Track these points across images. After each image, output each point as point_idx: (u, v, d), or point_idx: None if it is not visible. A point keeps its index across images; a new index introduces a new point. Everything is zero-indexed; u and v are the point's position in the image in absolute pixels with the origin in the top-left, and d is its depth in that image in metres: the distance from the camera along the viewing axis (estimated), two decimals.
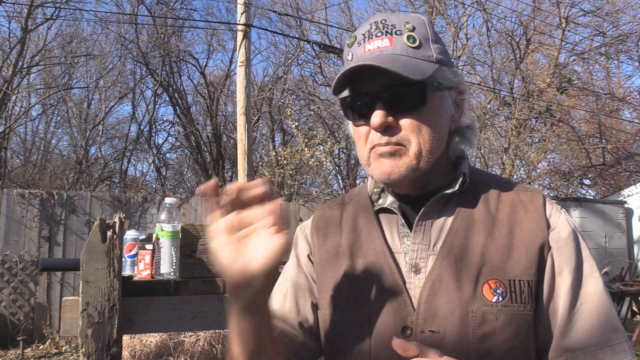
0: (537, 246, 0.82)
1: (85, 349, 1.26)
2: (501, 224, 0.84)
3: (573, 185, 8.72)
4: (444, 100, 0.84)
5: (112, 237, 1.32)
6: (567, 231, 0.84)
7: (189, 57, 12.95)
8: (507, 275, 0.80)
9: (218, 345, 5.30)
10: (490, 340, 0.78)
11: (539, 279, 0.82)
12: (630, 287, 7.04)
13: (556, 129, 10.14)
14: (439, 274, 0.82)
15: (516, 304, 0.79)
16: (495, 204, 0.86)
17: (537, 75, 11.14)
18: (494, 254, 0.82)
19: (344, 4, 13.22)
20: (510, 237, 0.83)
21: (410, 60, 0.80)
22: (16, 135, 12.91)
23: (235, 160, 10.28)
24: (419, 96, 0.80)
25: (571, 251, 0.84)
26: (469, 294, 0.79)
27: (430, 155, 0.82)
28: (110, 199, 7.03)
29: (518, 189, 0.89)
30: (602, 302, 0.82)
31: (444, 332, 0.79)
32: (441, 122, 0.83)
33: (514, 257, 0.81)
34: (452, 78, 0.85)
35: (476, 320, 0.78)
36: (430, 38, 0.84)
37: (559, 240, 0.83)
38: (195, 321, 1.45)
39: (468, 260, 0.81)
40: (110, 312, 1.29)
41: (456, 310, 0.79)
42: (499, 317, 0.78)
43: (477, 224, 0.84)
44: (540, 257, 0.82)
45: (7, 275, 6.25)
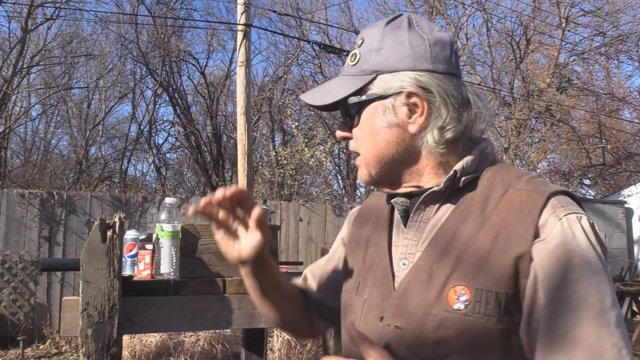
0: (514, 256, 0.75)
1: (85, 349, 1.26)
2: (490, 227, 0.79)
3: (573, 185, 8.73)
4: (377, 110, 0.86)
5: (112, 237, 1.32)
6: (556, 243, 0.73)
7: (189, 57, 12.95)
8: (476, 284, 0.76)
9: (218, 345, 5.30)
10: (444, 346, 0.76)
11: (517, 293, 0.75)
12: (630, 287, 7.04)
13: (556, 129, 10.14)
14: (415, 272, 0.83)
15: (478, 315, 0.75)
16: (495, 203, 0.81)
17: (537, 75, 11.14)
18: (471, 258, 0.78)
19: (344, 4, 13.22)
20: (493, 243, 0.77)
21: (331, 85, 0.91)
22: (16, 135, 12.91)
23: (235, 160, 10.28)
24: (348, 113, 0.89)
25: (551, 267, 0.73)
26: (434, 296, 0.79)
27: (379, 164, 0.87)
28: (110, 199, 7.03)
29: (527, 187, 0.80)
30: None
31: (406, 329, 0.80)
32: (380, 132, 0.86)
33: (489, 264, 0.76)
34: (396, 83, 0.84)
35: (434, 324, 0.77)
36: (376, 47, 0.86)
37: (541, 253, 0.74)
38: (195, 321, 1.45)
39: (444, 262, 0.80)
40: (110, 312, 1.29)
41: (419, 310, 0.79)
42: (456, 325, 0.75)
43: (467, 224, 0.81)
44: (515, 269, 0.75)
45: (7, 275, 6.25)
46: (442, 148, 0.84)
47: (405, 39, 0.85)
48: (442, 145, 0.84)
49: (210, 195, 0.86)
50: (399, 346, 0.81)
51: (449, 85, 0.84)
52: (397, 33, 0.86)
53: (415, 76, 0.84)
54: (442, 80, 0.84)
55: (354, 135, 0.90)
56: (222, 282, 1.49)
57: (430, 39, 0.86)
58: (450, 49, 0.87)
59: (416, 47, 0.84)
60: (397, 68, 0.84)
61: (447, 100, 0.83)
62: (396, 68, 0.84)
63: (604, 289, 0.71)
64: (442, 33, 0.88)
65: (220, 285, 1.48)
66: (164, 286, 1.43)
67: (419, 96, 0.83)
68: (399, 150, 0.86)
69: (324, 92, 0.91)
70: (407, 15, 0.89)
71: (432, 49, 0.85)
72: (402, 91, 0.84)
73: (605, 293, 0.71)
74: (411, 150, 0.86)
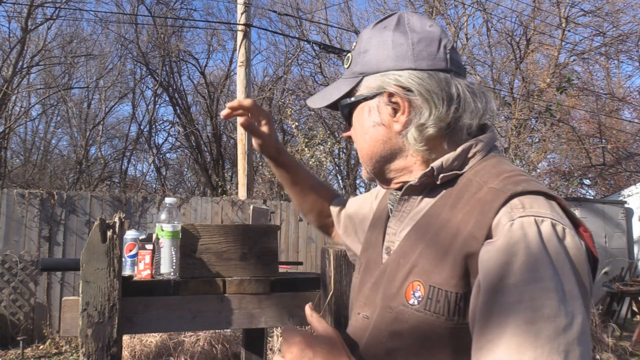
0: (463, 255, 0.74)
1: (85, 349, 1.26)
2: (452, 224, 0.78)
3: (573, 185, 8.73)
4: (364, 111, 0.90)
5: (112, 237, 1.32)
6: (501, 245, 0.70)
7: (189, 57, 12.96)
8: (430, 281, 0.76)
9: (218, 345, 5.30)
10: (397, 339, 0.78)
11: (469, 293, 0.73)
12: (630, 287, 7.04)
13: (556, 129, 10.14)
14: (386, 264, 0.87)
15: (428, 312, 0.75)
16: (465, 201, 0.79)
17: (537, 75, 11.14)
18: (430, 255, 0.78)
19: (344, 4, 13.22)
20: (452, 241, 0.76)
21: (330, 88, 0.95)
22: (16, 135, 12.91)
23: (235, 160, 10.28)
24: (344, 114, 0.94)
25: (491, 269, 0.69)
26: (395, 289, 0.80)
27: (371, 161, 0.91)
28: (110, 199, 7.03)
29: (498, 185, 0.77)
30: None
31: (371, 319, 0.84)
32: (368, 131, 0.89)
33: (444, 263, 0.76)
34: (377, 84, 0.86)
35: (391, 317, 0.79)
36: (363, 49, 0.89)
37: (486, 253, 0.71)
38: (195, 321, 1.45)
39: (409, 257, 0.82)
40: (110, 312, 1.29)
41: (381, 302, 0.82)
42: (409, 319, 0.77)
43: (437, 220, 0.81)
44: (466, 268, 0.73)
45: (7, 275, 6.25)
46: (422, 146, 0.85)
47: (389, 40, 0.86)
48: (422, 143, 0.85)
49: (229, 107, 1.15)
50: (363, 335, 0.84)
51: (430, 82, 0.83)
52: (383, 34, 0.88)
53: (395, 76, 0.85)
54: (423, 78, 0.84)
55: (352, 135, 0.95)
56: (222, 282, 1.49)
57: (415, 37, 0.86)
58: (438, 44, 0.86)
59: (398, 46, 0.85)
60: (379, 69, 0.86)
61: (429, 98, 0.83)
62: (378, 69, 0.87)
63: (544, 298, 0.65)
64: (432, 28, 0.87)
65: (220, 285, 1.48)
66: (164, 286, 1.43)
67: (399, 96, 0.85)
68: (386, 148, 0.89)
69: (322, 96, 0.96)
70: (399, 14, 0.90)
71: (415, 47, 0.85)
72: (384, 92, 0.86)
73: (546, 302, 0.64)
74: (398, 148, 0.88)
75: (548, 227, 0.70)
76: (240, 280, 1.50)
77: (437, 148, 0.85)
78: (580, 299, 0.67)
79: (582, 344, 0.64)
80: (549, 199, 0.75)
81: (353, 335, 0.88)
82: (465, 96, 0.85)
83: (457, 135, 0.85)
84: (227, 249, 1.52)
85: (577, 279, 0.69)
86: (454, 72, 0.86)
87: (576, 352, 0.63)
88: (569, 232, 0.71)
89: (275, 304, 1.51)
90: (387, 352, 0.79)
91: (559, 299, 0.65)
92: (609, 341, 5.97)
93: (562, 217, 0.73)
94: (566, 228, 0.71)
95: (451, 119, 0.84)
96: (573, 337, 0.64)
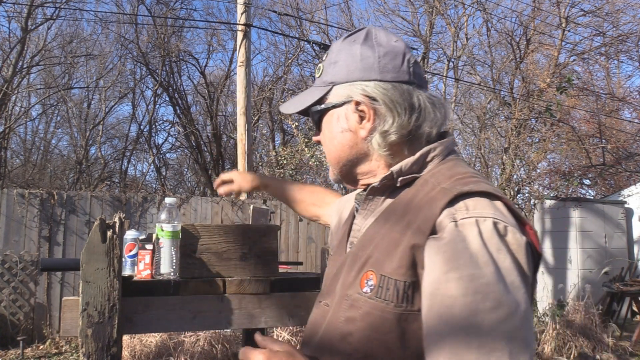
0: (410, 246, 0.81)
1: (85, 349, 1.26)
2: (405, 219, 0.86)
3: (573, 185, 8.72)
4: (333, 118, 0.97)
5: (112, 237, 1.32)
6: (444, 242, 0.77)
7: (189, 57, 12.96)
8: (381, 270, 0.84)
9: (218, 345, 5.30)
10: (352, 324, 0.85)
11: (417, 282, 0.80)
12: (630, 287, 7.04)
13: (556, 129, 10.14)
14: (347, 256, 0.96)
15: (379, 299, 0.82)
16: (419, 200, 0.86)
17: (537, 75, 11.14)
18: (384, 247, 0.86)
19: (344, 4, 13.22)
20: (402, 234, 0.84)
21: (302, 95, 1.02)
22: (16, 135, 12.91)
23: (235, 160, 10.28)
24: (314, 120, 1.01)
25: (434, 264, 0.77)
26: (352, 278, 0.89)
27: (338, 164, 0.99)
28: (110, 199, 7.03)
29: (447, 185, 0.84)
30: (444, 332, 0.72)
31: (330, 306, 0.92)
32: (336, 137, 0.97)
33: (394, 254, 0.83)
34: (346, 93, 0.94)
35: (347, 303, 0.87)
36: (333, 60, 0.96)
37: (431, 248, 0.79)
38: (195, 321, 1.45)
39: (366, 249, 0.90)
40: (110, 312, 1.29)
41: (340, 290, 0.91)
42: (362, 306, 0.84)
43: (392, 216, 0.89)
44: (413, 259, 0.81)
45: (7, 275, 6.25)
46: (386, 151, 0.93)
47: (357, 52, 0.94)
48: (385, 149, 0.93)
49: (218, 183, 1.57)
50: (323, 321, 0.92)
51: (394, 93, 0.91)
52: (352, 47, 0.95)
53: (362, 86, 0.92)
54: (387, 89, 0.92)
55: (321, 140, 1.02)
56: (222, 282, 1.49)
57: (381, 50, 0.93)
58: (402, 57, 0.94)
59: (365, 59, 0.93)
60: (348, 79, 0.94)
61: (392, 107, 0.91)
62: (347, 79, 0.94)
63: (487, 291, 0.72)
64: (397, 43, 0.95)
65: (220, 285, 1.48)
66: (164, 286, 1.43)
67: (365, 104, 0.92)
68: (352, 153, 0.96)
69: (295, 102, 1.04)
70: (368, 29, 0.98)
71: (381, 60, 0.93)
72: (351, 100, 0.93)
73: (489, 295, 0.71)
74: (364, 152, 0.96)
75: (489, 226, 0.77)
76: (240, 280, 1.50)
77: (399, 153, 0.93)
78: (523, 289, 0.74)
79: (525, 330, 0.72)
80: (493, 199, 0.82)
81: (313, 321, 0.97)
82: (426, 106, 0.93)
83: (417, 141, 0.93)
84: (227, 249, 1.52)
85: (519, 270, 0.76)
86: (416, 84, 0.94)
87: (519, 337, 0.71)
88: (511, 229, 0.78)
89: (275, 304, 1.51)
90: (342, 336, 0.86)
91: (501, 290, 0.72)
92: (609, 341, 5.97)
93: (505, 215, 0.80)
94: (508, 226, 0.78)
95: (412, 127, 0.92)
96: (516, 324, 0.71)
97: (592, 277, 7.75)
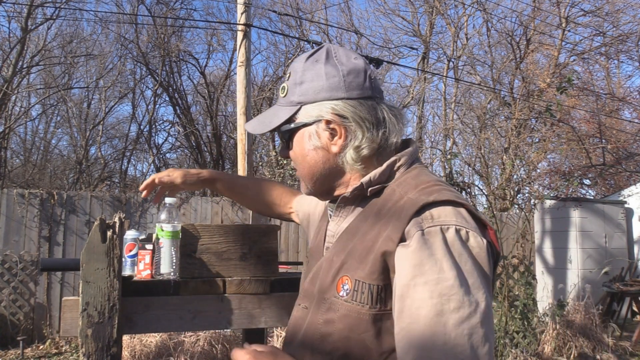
0: (381, 253, 0.88)
1: (85, 349, 1.26)
2: (376, 227, 0.92)
3: (573, 185, 8.71)
4: (304, 136, 1.01)
5: (112, 237, 1.31)
6: (412, 249, 0.84)
7: (189, 57, 12.95)
8: (356, 275, 0.90)
9: (218, 345, 5.30)
10: (331, 325, 0.92)
11: (389, 285, 0.88)
12: (630, 287, 7.04)
13: (556, 129, 10.13)
14: (322, 261, 1.01)
15: (355, 302, 0.89)
16: (388, 209, 0.93)
17: (537, 75, 11.14)
18: (356, 253, 0.92)
19: (344, 4, 13.21)
20: (374, 242, 0.90)
21: (268, 115, 1.06)
22: (16, 135, 12.91)
23: (235, 160, 10.28)
24: (284, 139, 1.05)
25: (404, 269, 0.84)
26: (329, 283, 0.95)
27: (311, 179, 1.03)
28: (110, 199, 7.03)
29: (414, 195, 0.91)
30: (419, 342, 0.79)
31: (309, 309, 0.98)
32: (308, 154, 1.01)
33: (367, 260, 0.90)
34: (316, 112, 0.98)
35: (325, 306, 0.94)
36: (298, 81, 1.00)
37: (400, 255, 0.86)
38: (195, 321, 1.45)
39: (340, 255, 0.96)
40: (110, 312, 1.29)
41: (318, 294, 0.96)
42: (339, 309, 0.91)
43: (364, 224, 0.96)
44: (384, 264, 0.88)
45: (7, 275, 6.24)
46: (359, 164, 0.99)
47: (322, 72, 0.98)
48: (359, 162, 0.99)
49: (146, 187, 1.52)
50: (303, 324, 0.98)
51: (362, 110, 0.97)
52: (316, 67, 0.99)
53: (331, 105, 0.97)
54: (355, 106, 0.97)
55: (291, 156, 1.05)
56: (222, 282, 1.49)
57: (344, 69, 0.98)
58: (364, 74, 0.99)
59: (331, 78, 0.98)
60: (316, 99, 0.98)
61: (362, 124, 0.97)
62: (315, 99, 0.98)
63: (450, 294, 0.80)
64: (357, 61, 1.00)
65: (220, 285, 1.48)
66: (164, 286, 1.43)
67: (336, 122, 0.97)
68: (325, 168, 1.01)
69: (262, 122, 1.07)
70: (327, 47, 1.02)
71: (346, 78, 0.98)
72: (322, 119, 0.98)
73: (452, 297, 0.79)
74: (336, 167, 1.01)
75: (452, 233, 0.84)
76: (240, 280, 1.50)
77: (370, 165, 0.99)
78: (483, 288, 0.82)
79: (485, 325, 0.80)
80: (456, 206, 0.88)
81: (294, 323, 1.02)
82: (390, 119, 0.99)
83: (385, 152, 0.99)
84: (227, 249, 1.52)
85: (480, 272, 0.84)
86: (378, 98, 1.00)
87: (479, 333, 0.79)
88: (472, 233, 0.86)
89: (275, 304, 1.51)
90: (322, 337, 0.92)
91: (463, 292, 0.80)
92: (609, 341, 5.97)
93: (467, 221, 0.87)
94: (469, 231, 0.86)
95: (381, 140, 0.98)
96: (476, 321, 0.79)
97: (592, 277, 7.75)
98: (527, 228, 7.57)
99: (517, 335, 5.46)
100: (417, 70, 12.22)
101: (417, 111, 12.92)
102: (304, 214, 1.40)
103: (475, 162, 10.45)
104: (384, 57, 11.81)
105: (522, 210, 7.55)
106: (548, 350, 5.64)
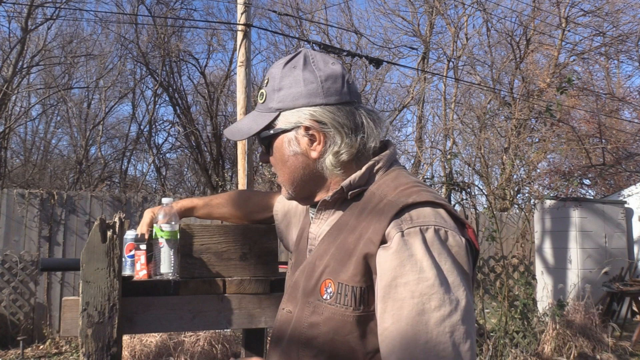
0: (363, 255, 0.89)
1: (85, 349, 1.26)
2: (357, 230, 0.93)
3: (573, 185, 8.71)
4: (283, 142, 1.01)
5: (112, 237, 1.31)
6: (393, 251, 0.86)
7: (189, 57, 12.94)
8: (338, 278, 0.91)
9: (218, 345, 5.30)
10: (316, 328, 0.92)
11: (372, 286, 0.89)
12: (630, 287, 7.04)
13: (556, 129, 10.14)
14: (305, 265, 1.02)
15: (339, 305, 0.90)
16: (368, 211, 0.94)
17: (537, 75, 11.14)
18: (338, 257, 0.93)
19: (344, 4, 13.21)
20: (355, 245, 0.91)
21: (247, 121, 1.06)
22: (16, 135, 12.91)
23: (235, 160, 10.28)
24: (264, 145, 1.05)
25: (385, 270, 0.86)
26: (312, 286, 0.96)
27: (292, 185, 1.04)
28: (110, 199, 7.03)
29: (393, 197, 0.92)
30: (402, 339, 0.81)
31: (293, 313, 0.99)
32: (288, 159, 1.02)
33: (348, 263, 0.91)
34: (294, 119, 0.98)
35: (309, 310, 0.94)
36: (277, 87, 1.00)
37: (381, 257, 0.87)
38: (195, 321, 1.45)
39: (322, 259, 0.97)
40: (110, 312, 1.29)
41: (302, 298, 0.97)
42: (323, 311, 0.92)
43: (345, 227, 0.96)
44: (367, 267, 0.89)
45: (7, 275, 6.25)
46: (338, 169, 0.99)
47: (300, 79, 0.99)
48: (338, 167, 0.99)
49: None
50: (287, 327, 0.99)
51: (340, 115, 0.97)
52: (294, 73, 0.99)
53: (310, 112, 0.97)
54: (334, 112, 0.97)
55: (272, 162, 1.06)
56: (222, 282, 1.49)
57: (322, 75, 0.98)
58: (342, 80, 0.99)
59: (309, 84, 0.98)
60: (294, 105, 0.99)
61: (340, 129, 0.97)
62: (294, 105, 0.99)
63: (430, 293, 0.81)
64: (334, 66, 1.00)
65: (220, 285, 1.48)
66: (164, 286, 1.43)
67: (315, 129, 0.98)
68: (306, 173, 1.02)
69: (240, 128, 1.07)
70: (304, 53, 1.02)
71: (324, 84, 0.98)
72: (300, 125, 0.98)
73: (432, 296, 0.81)
74: (316, 172, 1.02)
75: (431, 233, 0.86)
76: (240, 280, 1.50)
77: (349, 169, 1.00)
78: (463, 286, 0.84)
79: (466, 322, 0.82)
80: (435, 207, 0.90)
81: (278, 327, 1.03)
82: (368, 123, 0.99)
83: (364, 156, 1.00)
84: (227, 249, 1.52)
85: (459, 270, 0.85)
86: (356, 103, 1.01)
87: (461, 330, 0.81)
88: (451, 233, 0.87)
89: (275, 304, 1.51)
90: (307, 340, 0.93)
91: (444, 291, 0.82)
92: (609, 341, 5.97)
93: (446, 221, 0.88)
94: (448, 230, 0.87)
95: (359, 145, 0.98)
96: (457, 319, 0.81)
97: (592, 277, 7.75)
98: (527, 228, 7.57)
99: (517, 335, 5.46)
100: (417, 70, 12.22)
101: (417, 111, 12.91)
102: (283, 214, 1.40)
103: (475, 162, 10.45)
104: (384, 57, 11.80)
105: (522, 210, 7.55)
106: (548, 350, 5.64)
